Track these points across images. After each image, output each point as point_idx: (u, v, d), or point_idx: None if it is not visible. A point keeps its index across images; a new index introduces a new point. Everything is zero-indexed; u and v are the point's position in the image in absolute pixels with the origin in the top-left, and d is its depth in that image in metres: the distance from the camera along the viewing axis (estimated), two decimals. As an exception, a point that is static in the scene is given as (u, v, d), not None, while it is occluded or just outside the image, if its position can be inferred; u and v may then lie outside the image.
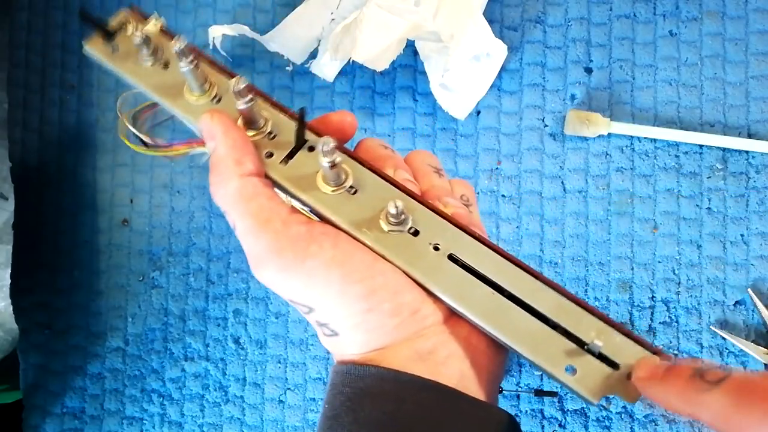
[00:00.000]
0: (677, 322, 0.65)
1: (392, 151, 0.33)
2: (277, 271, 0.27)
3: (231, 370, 0.72)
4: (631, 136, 0.67)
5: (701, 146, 0.66)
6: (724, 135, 0.66)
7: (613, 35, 0.69)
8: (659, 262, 0.66)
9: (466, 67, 0.65)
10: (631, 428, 0.65)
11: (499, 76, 0.68)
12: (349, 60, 0.65)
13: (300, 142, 0.30)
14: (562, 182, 0.68)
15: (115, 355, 0.75)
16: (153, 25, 0.33)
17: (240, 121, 0.31)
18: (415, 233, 0.29)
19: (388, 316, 0.27)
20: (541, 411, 0.66)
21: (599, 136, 0.67)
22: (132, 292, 0.75)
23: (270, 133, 0.31)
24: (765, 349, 0.62)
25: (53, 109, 0.77)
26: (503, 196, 0.69)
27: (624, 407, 0.65)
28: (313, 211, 0.29)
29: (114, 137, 0.77)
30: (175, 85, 0.32)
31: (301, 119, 0.31)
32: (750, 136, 0.66)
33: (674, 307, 0.65)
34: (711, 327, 0.64)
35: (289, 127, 0.31)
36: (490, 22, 0.66)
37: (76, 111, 0.77)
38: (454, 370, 0.27)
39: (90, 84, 0.77)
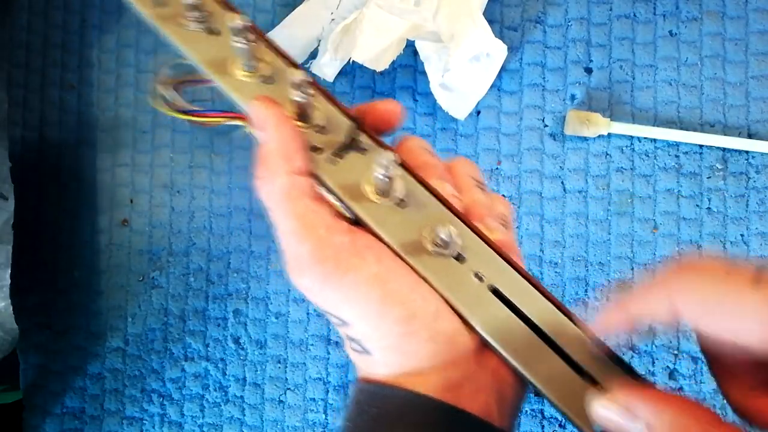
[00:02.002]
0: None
1: (437, 157, 0.31)
2: (315, 279, 0.26)
3: (231, 370, 0.72)
4: (631, 136, 0.67)
5: (701, 146, 0.66)
6: (724, 135, 0.66)
7: (613, 35, 0.69)
8: (659, 262, 0.66)
9: (466, 67, 0.65)
10: (631, 428, 0.65)
11: (499, 76, 0.68)
12: (349, 60, 0.65)
13: (351, 145, 0.29)
14: (562, 182, 0.68)
15: (115, 355, 0.75)
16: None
17: (290, 109, 0.29)
18: (459, 258, 0.27)
19: (424, 342, 0.26)
20: (542, 411, 0.66)
21: (599, 136, 0.67)
22: (132, 292, 0.75)
23: (319, 125, 0.29)
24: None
25: (53, 109, 0.77)
26: (503, 196, 0.69)
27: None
28: (355, 217, 0.28)
29: (114, 137, 0.77)
30: (222, 57, 0.30)
31: (358, 123, 0.29)
32: (750, 136, 0.66)
33: (674, 307, 0.65)
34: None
35: (341, 122, 0.29)
36: (490, 22, 0.65)
37: (76, 111, 0.77)
38: (481, 401, 0.26)
39: (90, 84, 0.77)
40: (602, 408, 0.24)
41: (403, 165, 0.29)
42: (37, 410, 0.75)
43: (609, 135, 0.67)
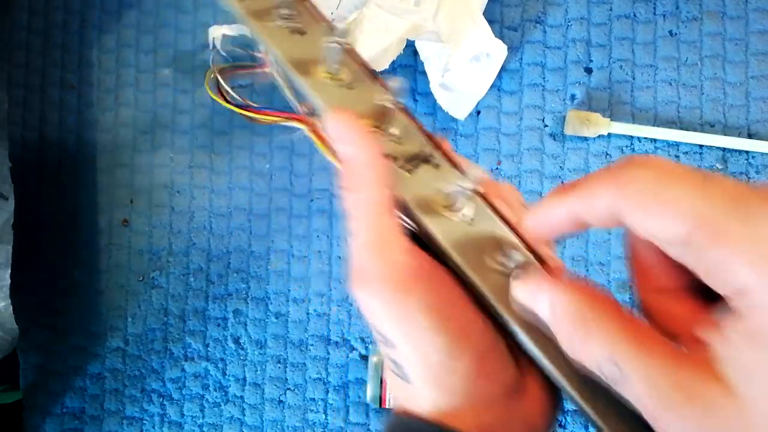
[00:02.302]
0: (677, 322, 0.65)
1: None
2: (377, 296, 0.26)
3: (231, 370, 0.72)
4: (631, 136, 0.67)
5: (701, 146, 0.66)
6: (724, 135, 0.66)
7: (613, 35, 0.69)
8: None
9: (466, 67, 0.65)
10: (631, 428, 0.65)
11: (499, 76, 0.68)
12: (349, 60, 0.65)
13: (425, 159, 0.29)
14: (562, 182, 0.68)
15: (115, 355, 0.75)
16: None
17: (370, 116, 0.29)
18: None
19: (467, 380, 0.26)
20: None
21: (599, 136, 0.67)
22: (132, 292, 0.75)
23: (396, 135, 0.29)
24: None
25: (53, 109, 0.77)
26: (503, 196, 0.69)
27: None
28: (422, 231, 0.28)
29: (114, 137, 0.77)
30: (306, 57, 0.30)
31: (433, 141, 0.29)
32: (750, 136, 0.66)
33: (674, 307, 0.65)
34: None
35: (416, 136, 0.29)
36: (490, 22, 0.65)
37: (76, 111, 0.77)
38: None
39: (90, 84, 0.77)
40: (517, 288, 0.25)
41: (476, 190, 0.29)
42: (37, 410, 0.75)
43: (609, 135, 0.67)
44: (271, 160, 0.74)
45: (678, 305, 0.24)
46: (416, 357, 0.26)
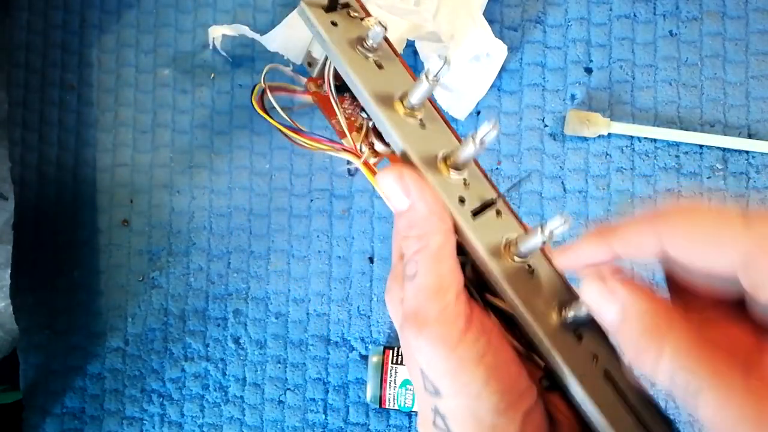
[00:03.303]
0: (677, 322, 0.65)
1: None
2: (430, 340, 0.25)
3: (231, 370, 0.72)
4: (631, 136, 0.67)
5: (701, 146, 0.66)
6: (724, 135, 0.66)
7: (613, 35, 0.69)
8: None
9: (466, 67, 0.65)
10: (631, 428, 0.65)
11: (499, 76, 0.68)
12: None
13: (491, 206, 0.29)
14: (562, 182, 0.68)
15: (115, 355, 0.75)
16: (380, 29, 0.29)
17: (445, 159, 0.29)
18: (579, 338, 0.27)
19: None
20: (541, 411, 0.66)
21: (599, 136, 0.67)
22: (132, 292, 0.75)
23: (465, 179, 0.29)
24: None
25: (53, 109, 0.77)
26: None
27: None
28: (488, 277, 0.28)
29: (114, 137, 0.77)
30: (386, 91, 0.29)
31: (498, 192, 0.29)
32: (750, 136, 0.66)
33: (674, 307, 0.65)
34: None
35: (483, 182, 0.29)
36: (490, 22, 0.65)
37: (76, 111, 0.77)
38: None
39: (90, 84, 0.77)
40: (590, 285, 0.25)
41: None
42: (37, 410, 0.75)
43: (609, 135, 0.67)
44: (271, 160, 0.74)
45: (724, 331, 0.24)
46: (461, 407, 0.25)
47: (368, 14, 0.31)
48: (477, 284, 0.28)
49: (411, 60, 0.70)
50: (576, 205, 0.68)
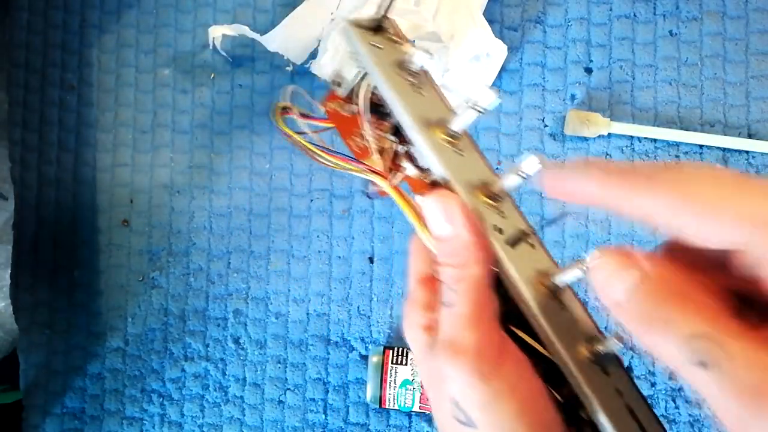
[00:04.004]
0: (677, 322, 0.65)
1: None
2: (465, 370, 0.25)
3: (231, 370, 0.72)
4: (631, 136, 0.67)
5: (701, 146, 0.66)
6: (724, 135, 0.66)
7: (613, 35, 0.69)
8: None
9: (466, 67, 0.65)
10: (631, 428, 0.65)
11: (499, 76, 0.68)
12: (349, 60, 0.65)
13: (525, 238, 0.29)
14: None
15: (115, 355, 0.75)
16: (424, 55, 0.30)
17: (479, 187, 0.29)
18: (607, 373, 0.28)
19: None
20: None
21: (599, 136, 0.67)
22: (132, 292, 0.75)
23: (501, 209, 0.29)
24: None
25: (53, 109, 0.77)
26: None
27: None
28: (524, 309, 0.28)
29: (114, 137, 0.77)
30: (426, 114, 0.30)
31: (532, 227, 0.30)
32: (750, 136, 0.66)
33: (674, 307, 0.65)
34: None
35: (517, 214, 0.30)
36: (490, 22, 0.65)
37: (76, 111, 0.77)
38: None
39: (90, 84, 0.77)
40: (601, 266, 0.24)
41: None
42: (37, 410, 0.75)
43: (609, 135, 0.67)
44: (271, 160, 0.74)
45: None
46: None
47: (406, 40, 0.32)
48: (507, 314, 0.29)
49: (411, 60, 0.70)
50: (576, 205, 0.68)
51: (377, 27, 0.31)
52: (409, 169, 0.31)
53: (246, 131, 0.74)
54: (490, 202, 0.29)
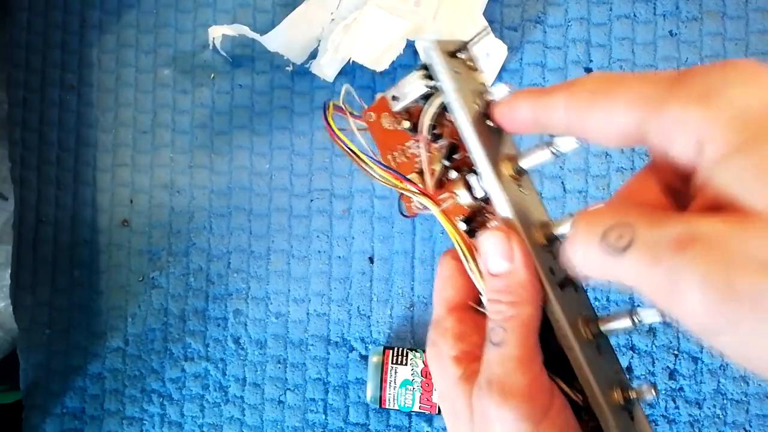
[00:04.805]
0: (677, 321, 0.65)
1: None
2: (516, 412, 0.25)
3: (231, 370, 0.72)
4: (631, 137, 0.67)
5: (701, 146, 0.66)
6: (724, 135, 0.66)
7: (613, 35, 0.69)
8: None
9: (466, 67, 0.65)
10: (631, 428, 0.65)
11: (499, 76, 0.68)
12: (349, 60, 0.65)
13: (572, 283, 0.29)
14: (562, 182, 0.68)
15: (115, 355, 0.75)
16: (506, 87, 0.29)
17: (537, 227, 0.29)
18: (632, 418, 0.28)
19: None
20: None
21: (599, 136, 0.67)
22: (132, 292, 0.75)
23: (554, 252, 0.29)
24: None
25: (53, 109, 0.77)
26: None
27: (624, 407, 0.65)
28: (569, 354, 0.28)
29: (114, 137, 0.77)
30: (495, 148, 0.29)
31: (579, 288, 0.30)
32: (750, 136, 0.66)
33: (674, 308, 0.66)
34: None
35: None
36: (490, 22, 0.66)
37: (76, 111, 0.77)
38: None
39: (90, 84, 0.77)
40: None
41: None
42: (37, 410, 0.75)
43: (609, 135, 0.67)
44: (271, 160, 0.74)
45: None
46: None
47: (480, 70, 0.32)
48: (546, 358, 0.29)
49: (411, 60, 0.70)
50: (576, 205, 0.68)
51: (457, 52, 0.31)
52: (463, 197, 0.30)
53: (246, 131, 0.74)
54: (546, 243, 0.29)
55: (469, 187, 0.30)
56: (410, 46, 0.68)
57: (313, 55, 0.71)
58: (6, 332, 0.71)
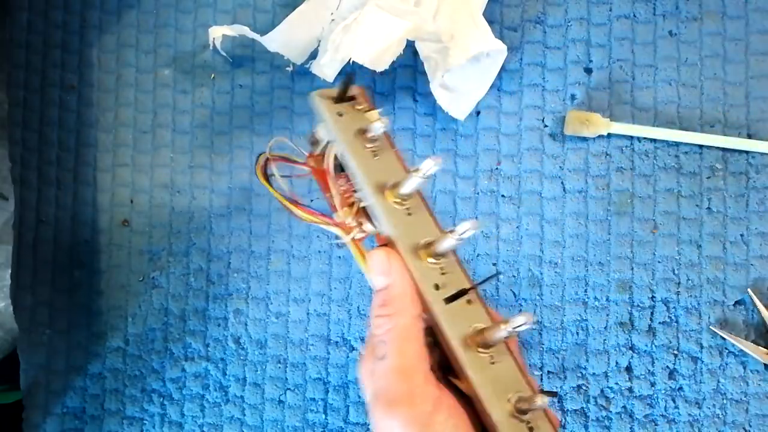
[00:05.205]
0: (677, 322, 0.65)
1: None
2: (401, 420, 0.26)
3: (231, 370, 0.72)
4: (631, 137, 0.67)
5: (701, 146, 0.66)
6: (724, 135, 0.66)
7: (613, 35, 0.69)
8: (659, 262, 0.66)
9: (466, 67, 0.65)
10: (630, 428, 0.65)
11: (499, 76, 0.68)
12: (349, 60, 0.65)
13: (462, 295, 0.31)
14: (562, 182, 0.68)
15: (116, 354, 0.75)
16: (381, 124, 0.33)
17: (425, 246, 0.31)
18: (531, 430, 0.29)
19: None
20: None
21: (599, 136, 0.67)
22: (132, 292, 0.75)
23: (443, 269, 0.31)
24: (765, 349, 0.63)
25: (53, 109, 0.77)
26: (503, 196, 0.69)
27: (624, 407, 0.65)
28: (454, 362, 0.29)
29: (114, 137, 0.77)
30: (380, 177, 0.33)
31: (473, 285, 0.32)
32: (750, 136, 0.66)
33: (674, 307, 0.66)
34: (711, 327, 0.64)
35: (458, 271, 0.32)
36: (490, 22, 0.66)
37: (76, 111, 0.77)
38: None
39: (90, 84, 0.78)
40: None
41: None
42: (38, 410, 0.75)
43: (609, 135, 0.67)
44: (271, 160, 0.74)
45: None
46: None
47: (372, 107, 0.35)
48: (444, 365, 0.30)
49: (411, 60, 0.70)
50: (576, 205, 0.68)
51: (341, 97, 0.34)
52: (366, 225, 0.34)
53: (246, 131, 0.74)
54: (433, 260, 0.31)
55: (368, 216, 0.33)
56: (410, 46, 0.68)
57: (314, 55, 0.71)
58: (6, 332, 0.71)
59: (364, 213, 0.34)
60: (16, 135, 0.77)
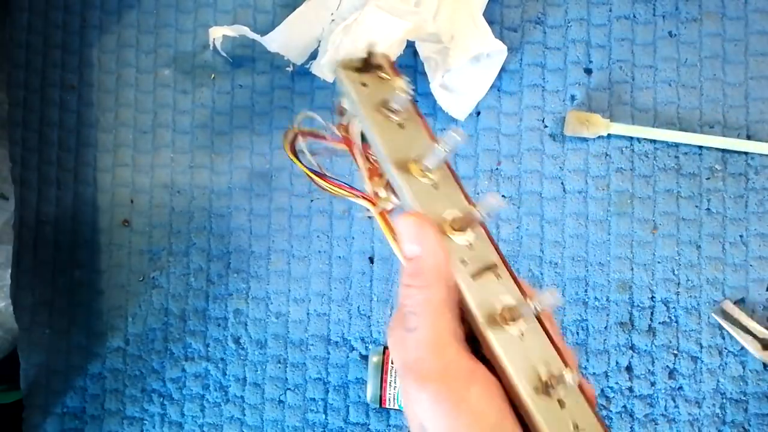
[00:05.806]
0: (677, 322, 0.65)
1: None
2: (432, 394, 0.26)
3: (231, 370, 0.72)
4: (631, 137, 0.67)
5: (701, 147, 0.66)
6: (724, 136, 0.66)
7: (613, 36, 0.69)
8: (659, 262, 0.66)
9: (466, 67, 0.65)
10: (631, 427, 0.65)
11: (499, 76, 0.69)
12: (350, 60, 0.65)
13: (491, 269, 0.30)
14: (562, 183, 0.68)
15: (116, 354, 0.75)
16: (405, 94, 0.31)
17: (452, 219, 0.30)
18: (561, 404, 0.28)
19: None
20: None
21: (599, 136, 0.67)
22: (132, 292, 0.75)
23: (470, 242, 0.30)
24: (764, 349, 0.63)
25: (53, 109, 0.77)
26: (503, 196, 0.69)
27: (624, 406, 0.66)
28: (481, 337, 0.29)
29: (114, 137, 0.77)
30: (404, 151, 0.31)
31: (501, 254, 0.31)
32: (749, 137, 0.66)
33: (674, 307, 0.66)
34: (712, 314, 0.64)
35: (487, 246, 0.31)
36: (490, 23, 0.66)
37: (76, 111, 0.77)
38: None
39: (90, 84, 0.78)
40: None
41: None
42: (38, 410, 0.75)
43: (609, 136, 0.67)
44: (271, 160, 0.74)
45: None
46: None
47: (398, 75, 0.33)
48: (474, 338, 0.29)
49: (411, 60, 0.70)
50: (576, 206, 0.68)
51: (366, 66, 0.33)
52: (394, 198, 0.33)
53: (246, 131, 0.74)
54: (460, 234, 0.30)
55: (393, 190, 0.32)
56: (410, 47, 0.69)
57: (314, 55, 0.71)
58: (6, 332, 0.71)
59: (391, 189, 0.33)
60: (16, 135, 0.77)
